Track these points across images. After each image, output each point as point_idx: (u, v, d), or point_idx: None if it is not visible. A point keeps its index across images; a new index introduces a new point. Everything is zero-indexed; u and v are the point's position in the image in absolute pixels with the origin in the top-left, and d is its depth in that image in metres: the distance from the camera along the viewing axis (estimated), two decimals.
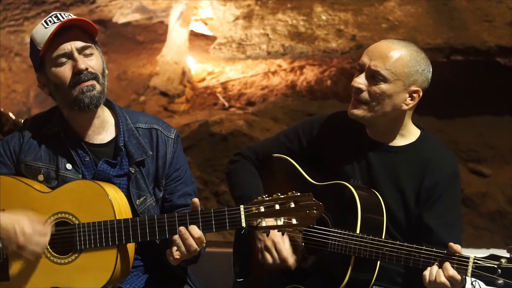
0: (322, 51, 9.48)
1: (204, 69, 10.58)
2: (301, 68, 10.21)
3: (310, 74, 10.16)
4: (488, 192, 8.22)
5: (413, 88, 3.01)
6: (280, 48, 9.60)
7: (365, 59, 3.02)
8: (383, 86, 2.97)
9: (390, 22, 9.17)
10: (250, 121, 9.04)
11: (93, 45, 3.00)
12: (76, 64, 2.92)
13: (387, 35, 8.95)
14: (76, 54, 2.93)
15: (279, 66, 10.28)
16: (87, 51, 2.97)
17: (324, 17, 9.44)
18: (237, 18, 9.87)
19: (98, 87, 2.96)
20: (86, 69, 2.93)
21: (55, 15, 2.98)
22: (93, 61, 2.97)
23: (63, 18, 2.95)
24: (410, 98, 3.02)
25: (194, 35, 10.52)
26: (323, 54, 9.57)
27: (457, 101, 9.11)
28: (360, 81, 3.01)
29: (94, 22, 3.01)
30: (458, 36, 8.94)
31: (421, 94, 3.04)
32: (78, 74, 2.92)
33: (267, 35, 9.65)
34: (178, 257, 2.80)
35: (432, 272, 2.77)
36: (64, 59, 2.94)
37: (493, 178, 8.47)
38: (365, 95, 3.00)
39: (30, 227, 2.82)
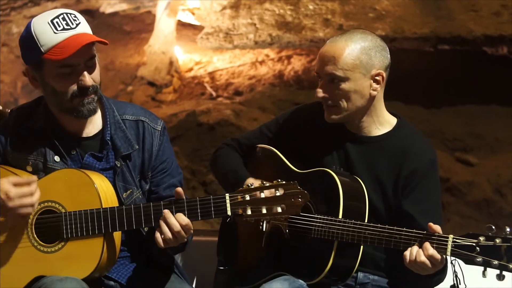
0: (309, 40, 9.49)
1: (192, 59, 10.56)
2: (289, 57, 10.21)
3: (297, 63, 10.16)
4: (474, 181, 8.27)
5: (374, 72, 3.05)
6: (267, 38, 9.60)
7: (319, 67, 3.08)
8: (344, 85, 3.03)
9: (377, 11, 9.19)
10: (237, 110, 9.05)
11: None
12: (82, 80, 2.88)
13: (374, 24, 8.98)
14: (84, 68, 2.89)
15: (267, 55, 10.27)
16: (91, 62, 2.93)
17: (311, 7, 9.45)
18: (224, 8, 9.86)
19: (96, 98, 2.96)
20: (92, 85, 2.91)
21: (62, 16, 2.87)
22: (95, 72, 2.94)
23: (72, 24, 2.87)
24: (375, 83, 3.06)
25: (181, 25, 10.50)
26: (311, 43, 9.58)
27: (443, 90, 9.14)
28: (321, 90, 3.08)
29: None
30: (444, 26, 8.97)
31: (384, 75, 3.07)
32: (83, 89, 2.90)
33: (255, 24, 9.65)
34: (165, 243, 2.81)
35: (412, 252, 2.81)
36: (69, 70, 2.88)
37: (480, 167, 8.52)
38: (331, 100, 3.07)
39: (14, 190, 2.79)
